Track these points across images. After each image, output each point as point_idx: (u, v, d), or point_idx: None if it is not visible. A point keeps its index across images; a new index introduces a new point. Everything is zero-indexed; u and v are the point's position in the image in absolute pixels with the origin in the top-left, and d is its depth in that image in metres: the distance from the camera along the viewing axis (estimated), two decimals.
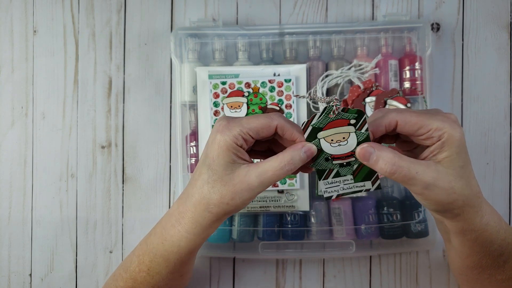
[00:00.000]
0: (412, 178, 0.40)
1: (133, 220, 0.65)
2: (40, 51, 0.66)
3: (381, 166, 0.41)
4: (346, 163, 0.43)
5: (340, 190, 0.45)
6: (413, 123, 0.41)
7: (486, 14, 0.65)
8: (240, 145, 0.42)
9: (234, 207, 0.43)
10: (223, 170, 0.42)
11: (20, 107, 0.66)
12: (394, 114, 0.42)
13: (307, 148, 0.42)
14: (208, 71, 0.61)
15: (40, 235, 0.65)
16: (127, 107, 0.65)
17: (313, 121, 0.42)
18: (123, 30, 0.66)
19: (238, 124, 0.42)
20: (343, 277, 0.64)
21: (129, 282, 0.51)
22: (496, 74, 0.64)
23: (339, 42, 0.62)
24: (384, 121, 0.42)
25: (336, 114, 0.41)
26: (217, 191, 0.42)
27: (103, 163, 0.65)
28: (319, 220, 0.61)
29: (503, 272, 0.47)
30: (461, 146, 0.41)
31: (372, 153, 0.41)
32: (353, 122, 0.41)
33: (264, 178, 0.42)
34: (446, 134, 0.40)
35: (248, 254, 0.63)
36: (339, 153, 0.43)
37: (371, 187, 0.44)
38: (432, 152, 0.41)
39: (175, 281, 0.52)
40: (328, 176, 0.44)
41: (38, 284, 0.65)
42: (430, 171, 0.40)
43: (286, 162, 0.41)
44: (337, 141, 0.42)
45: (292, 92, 0.60)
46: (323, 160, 0.43)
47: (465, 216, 0.42)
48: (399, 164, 0.40)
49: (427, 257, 0.64)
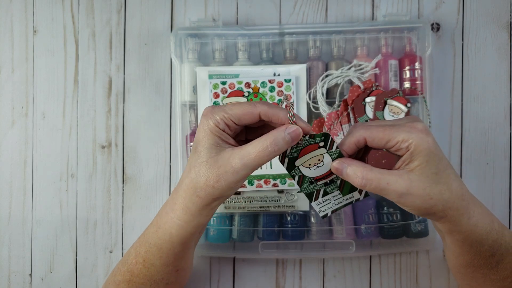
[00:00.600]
0: (383, 189, 0.42)
1: (133, 220, 0.65)
2: (40, 51, 0.66)
3: (353, 179, 0.42)
4: (330, 181, 0.45)
5: (333, 206, 0.47)
6: (380, 138, 0.42)
7: (486, 14, 0.65)
8: (223, 129, 0.43)
9: (220, 191, 0.43)
10: (207, 152, 0.43)
11: (20, 107, 0.66)
12: (361, 131, 0.43)
13: (291, 130, 0.42)
14: (208, 71, 0.61)
15: (40, 235, 0.65)
16: (127, 107, 0.65)
17: (286, 153, 0.43)
18: (123, 30, 0.66)
19: (222, 110, 0.43)
20: (343, 277, 0.64)
21: (126, 275, 0.51)
22: (496, 74, 0.64)
23: (339, 42, 0.62)
24: (353, 139, 0.43)
25: (304, 141, 0.43)
26: (202, 174, 0.43)
27: (103, 163, 0.65)
28: (319, 220, 0.61)
29: (497, 272, 0.47)
30: (430, 154, 0.41)
31: (344, 168, 0.43)
32: (322, 144, 0.43)
33: (247, 160, 0.42)
34: (413, 145, 0.41)
35: (248, 254, 0.63)
36: (320, 174, 0.45)
37: (359, 196, 0.46)
38: (404, 162, 0.42)
39: (170, 275, 0.52)
40: (318, 197, 0.46)
41: (38, 284, 0.65)
42: (402, 181, 0.41)
43: (268, 143, 0.42)
44: (314, 164, 0.44)
45: (293, 92, 0.60)
46: (308, 184, 0.45)
47: (450, 219, 0.43)
48: (368, 177, 0.42)
49: (427, 257, 0.64)
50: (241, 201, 0.60)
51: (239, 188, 0.60)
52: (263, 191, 0.60)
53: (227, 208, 0.61)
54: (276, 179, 0.60)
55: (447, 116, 0.64)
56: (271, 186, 0.60)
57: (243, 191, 0.60)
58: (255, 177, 0.60)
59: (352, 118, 0.60)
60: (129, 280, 0.51)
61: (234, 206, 0.61)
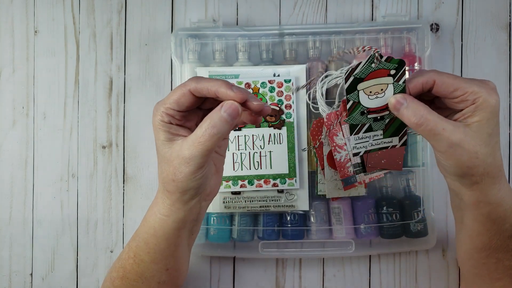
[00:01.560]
0: (438, 134, 0.41)
1: (134, 220, 0.65)
2: (41, 51, 0.66)
3: (410, 116, 0.41)
4: (380, 117, 0.44)
5: (369, 146, 0.46)
6: (450, 84, 0.42)
7: (485, 15, 0.65)
8: (168, 122, 0.43)
9: (181, 183, 0.43)
10: (162, 149, 0.44)
11: (21, 107, 0.66)
12: (432, 73, 0.42)
13: (227, 107, 0.41)
14: (209, 72, 0.61)
15: (41, 235, 0.65)
16: (128, 107, 0.66)
17: (355, 71, 0.42)
18: (124, 31, 0.66)
19: (162, 102, 0.44)
20: (343, 277, 0.64)
21: (120, 271, 0.52)
22: (495, 75, 0.65)
23: (338, 43, 0.62)
24: (422, 79, 0.43)
25: (379, 63, 0.42)
26: (164, 171, 0.44)
27: (104, 163, 0.65)
28: (318, 220, 0.61)
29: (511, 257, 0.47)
30: (493, 113, 0.41)
31: (404, 104, 0.42)
32: (393, 72, 0.42)
33: (194, 148, 0.41)
34: (481, 99, 0.41)
35: (248, 254, 0.63)
36: (376, 106, 0.43)
37: (397, 143, 0.45)
38: (464, 115, 0.42)
39: (161, 274, 0.51)
40: (360, 131, 0.45)
41: (39, 283, 0.65)
42: (457, 131, 0.41)
43: (206, 126, 0.41)
44: (375, 93, 0.43)
45: (292, 92, 0.60)
46: (359, 114, 0.44)
47: (482, 186, 0.43)
48: (427, 117, 0.41)
49: (426, 257, 0.64)
50: (241, 201, 0.61)
51: (240, 188, 0.60)
52: (263, 191, 0.61)
53: (227, 208, 0.61)
54: (276, 179, 0.60)
55: None
56: (271, 186, 0.60)
57: (243, 191, 0.61)
58: (255, 177, 0.60)
59: None
60: (123, 276, 0.51)
61: (234, 206, 0.61)
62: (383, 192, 0.62)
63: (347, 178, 0.59)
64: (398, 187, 0.62)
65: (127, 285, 0.51)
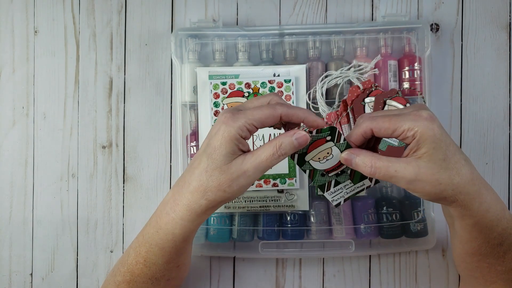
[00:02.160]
0: (392, 176, 0.43)
1: (134, 220, 0.65)
2: (41, 52, 0.66)
3: (362, 168, 0.44)
4: (340, 171, 0.47)
5: (345, 195, 0.48)
6: (386, 128, 0.43)
7: (485, 15, 0.65)
8: (244, 137, 0.44)
9: (230, 194, 0.45)
10: (223, 159, 0.44)
11: (21, 107, 0.66)
12: (367, 123, 0.44)
13: (298, 135, 0.44)
14: (209, 72, 0.61)
15: (41, 235, 0.65)
16: (128, 107, 0.66)
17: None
18: (124, 31, 0.66)
19: (243, 115, 0.44)
20: (343, 277, 0.64)
21: (127, 275, 0.52)
22: (495, 75, 0.65)
23: (338, 43, 0.62)
24: (360, 130, 0.44)
25: (312, 137, 0.44)
26: (215, 179, 0.44)
27: (104, 163, 0.65)
28: (318, 220, 0.61)
29: (503, 263, 0.47)
30: (436, 141, 0.42)
31: (353, 159, 0.44)
32: (329, 138, 0.45)
33: (258, 164, 0.44)
34: (418, 133, 0.42)
35: (248, 254, 0.63)
36: (330, 166, 0.46)
37: (370, 183, 0.48)
38: (411, 150, 0.43)
39: (172, 272, 0.52)
40: (330, 187, 0.48)
41: (39, 283, 0.65)
42: (410, 167, 0.42)
43: (277, 148, 0.44)
44: (324, 157, 0.46)
45: (292, 92, 0.60)
46: (320, 176, 0.47)
47: (461, 203, 0.44)
48: (377, 165, 0.43)
49: (426, 257, 0.64)
50: (241, 201, 0.61)
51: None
52: (263, 191, 0.61)
53: (227, 208, 0.61)
54: (276, 179, 0.60)
55: (446, 116, 0.64)
56: (271, 186, 0.60)
57: None
58: None
59: (352, 119, 0.60)
60: (130, 280, 0.52)
61: (234, 206, 0.61)
62: (383, 192, 0.62)
63: None
64: (398, 187, 0.62)
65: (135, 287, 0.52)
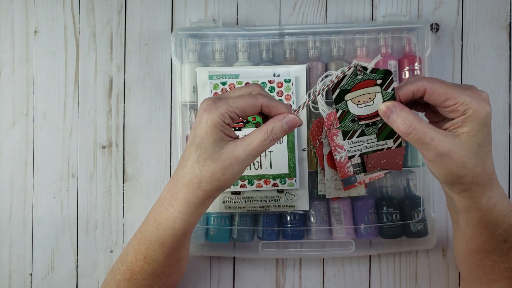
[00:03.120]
0: (426, 143, 0.41)
1: (134, 220, 0.65)
2: (41, 51, 0.66)
3: (399, 125, 0.42)
4: (372, 123, 0.44)
5: (363, 149, 0.46)
6: (441, 94, 0.42)
7: (485, 15, 0.65)
8: (227, 123, 0.44)
9: (224, 182, 0.45)
10: (212, 148, 0.44)
11: (21, 107, 0.66)
12: (424, 81, 0.42)
13: (288, 119, 0.44)
14: (208, 72, 0.61)
15: (41, 235, 0.65)
16: (128, 107, 0.66)
17: (341, 83, 0.42)
18: (124, 31, 0.66)
19: (225, 103, 0.44)
20: (343, 277, 0.64)
21: (126, 273, 0.52)
22: (495, 74, 0.65)
23: (338, 43, 0.62)
24: (413, 86, 0.43)
25: (364, 75, 0.42)
26: (208, 169, 0.44)
27: (104, 163, 0.65)
28: (318, 220, 0.61)
29: (507, 260, 0.47)
30: (483, 124, 0.41)
31: (393, 112, 0.42)
32: (379, 82, 0.42)
33: (250, 150, 0.44)
34: (471, 110, 0.41)
35: (248, 254, 0.63)
36: (365, 113, 0.44)
37: (392, 145, 0.45)
38: (454, 125, 0.42)
39: (172, 267, 0.52)
40: (353, 136, 0.45)
41: (39, 283, 0.65)
42: (446, 141, 0.41)
43: (269, 133, 0.44)
44: (363, 101, 0.43)
45: (292, 92, 0.60)
46: (349, 122, 0.44)
47: (472, 194, 0.43)
48: (415, 126, 0.41)
49: (426, 257, 0.64)
50: (241, 201, 0.61)
51: (239, 188, 0.60)
52: (263, 191, 0.61)
53: (227, 208, 0.61)
54: (276, 179, 0.60)
55: None
56: (271, 186, 0.60)
57: (243, 191, 0.61)
58: (255, 177, 0.60)
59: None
60: (130, 278, 0.52)
61: (234, 206, 0.61)
62: (383, 192, 0.62)
63: (347, 178, 0.59)
64: (398, 187, 0.62)
65: (135, 285, 0.52)
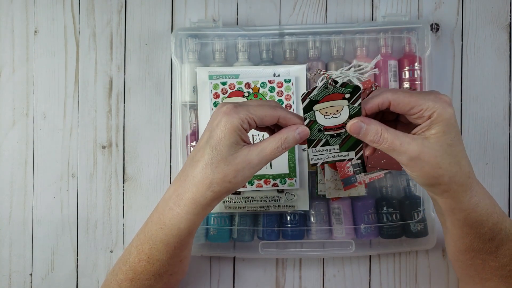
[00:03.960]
0: (396, 149, 0.43)
1: (134, 220, 0.65)
2: (41, 51, 0.66)
3: (369, 137, 0.44)
4: (336, 134, 0.47)
5: (326, 158, 0.48)
6: (405, 103, 0.43)
7: (485, 15, 0.65)
8: (245, 129, 0.45)
9: (234, 185, 0.46)
10: (227, 150, 0.45)
11: (21, 107, 0.66)
12: (388, 94, 0.44)
13: (301, 130, 0.46)
14: (209, 72, 0.61)
15: (41, 235, 0.65)
16: (128, 107, 0.66)
17: (311, 94, 0.44)
18: (124, 31, 0.66)
19: (245, 109, 0.45)
20: (343, 277, 0.64)
21: (129, 273, 0.52)
22: (495, 74, 0.65)
23: (338, 43, 0.62)
24: (378, 100, 0.44)
25: (334, 88, 0.44)
26: (220, 171, 0.45)
27: (104, 163, 0.65)
28: (318, 220, 0.61)
29: (496, 258, 0.48)
30: (449, 125, 0.43)
31: (362, 127, 0.44)
32: (347, 96, 0.44)
33: (263, 156, 0.45)
34: (436, 113, 0.42)
35: (248, 254, 0.63)
36: (331, 124, 0.46)
37: (354, 157, 0.48)
38: (422, 129, 0.44)
39: (175, 267, 0.52)
40: (317, 145, 0.48)
41: (39, 283, 0.65)
42: (414, 144, 0.43)
43: (282, 141, 0.45)
44: (331, 113, 0.45)
45: (292, 92, 0.60)
46: (316, 131, 0.47)
47: (453, 193, 0.44)
48: (383, 135, 0.43)
49: (426, 257, 0.64)
50: (241, 201, 0.61)
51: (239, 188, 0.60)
52: (263, 191, 0.61)
53: (227, 208, 0.61)
54: (276, 179, 0.60)
55: None
56: (271, 186, 0.60)
57: (243, 191, 0.61)
58: (255, 177, 0.60)
59: None
60: (132, 278, 0.52)
61: (234, 206, 0.61)
62: (383, 192, 0.62)
63: (347, 178, 0.59)
64: (398, 187, 0.62)
65: (138, 285, 0.52)
